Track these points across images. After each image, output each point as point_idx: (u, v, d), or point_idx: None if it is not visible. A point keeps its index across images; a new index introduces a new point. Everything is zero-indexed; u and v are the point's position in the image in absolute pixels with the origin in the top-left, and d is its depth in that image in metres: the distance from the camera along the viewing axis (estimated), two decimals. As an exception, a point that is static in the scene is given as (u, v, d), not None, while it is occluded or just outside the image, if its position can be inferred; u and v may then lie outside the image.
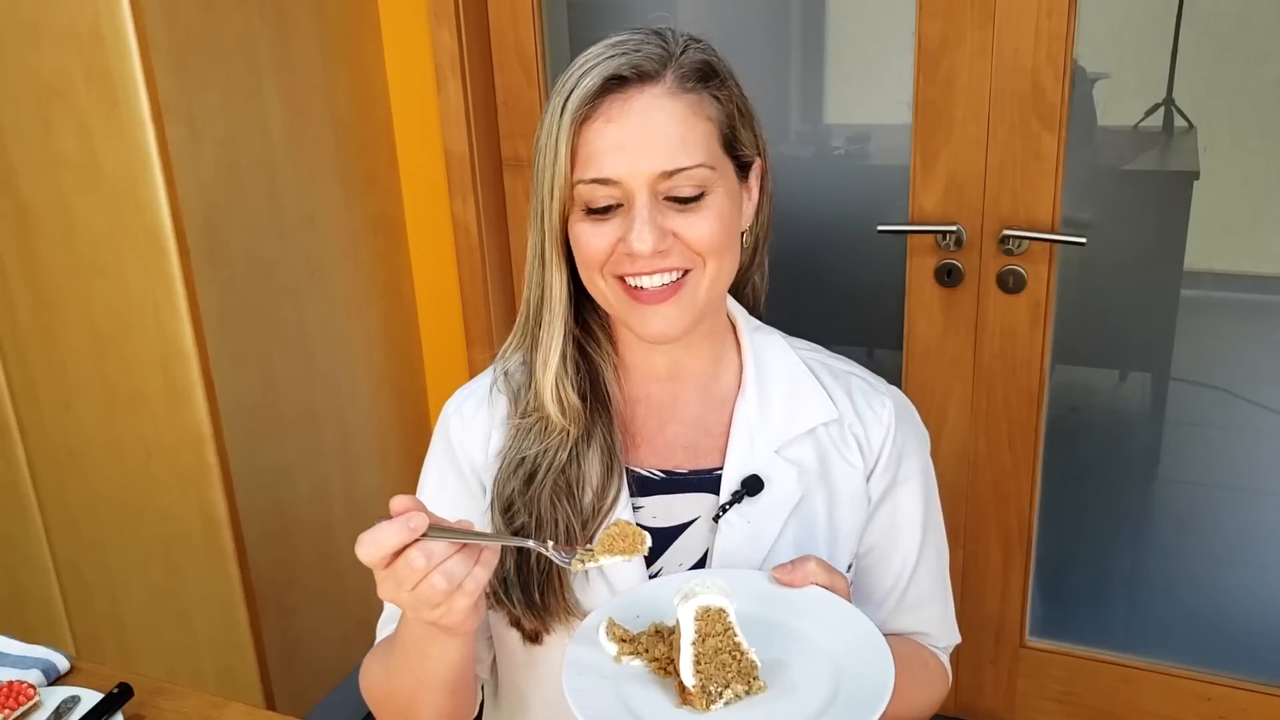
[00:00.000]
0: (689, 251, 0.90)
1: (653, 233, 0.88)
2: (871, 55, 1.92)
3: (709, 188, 0.90)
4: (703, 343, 1.00)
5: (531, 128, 2.10)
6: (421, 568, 0.76)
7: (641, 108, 0.88)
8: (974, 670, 2.06)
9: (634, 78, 0.88)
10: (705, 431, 1.00)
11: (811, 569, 0.88)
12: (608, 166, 0.88)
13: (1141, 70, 1.72)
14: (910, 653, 1.05)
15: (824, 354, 1.05)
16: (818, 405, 1.00)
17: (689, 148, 0.88)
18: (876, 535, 1.03)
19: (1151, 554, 2.03)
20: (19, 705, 1.07)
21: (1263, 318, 1.81)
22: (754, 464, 0.97)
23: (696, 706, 0.79)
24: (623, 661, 0.84)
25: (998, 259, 1.79)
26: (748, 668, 0.80)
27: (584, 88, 0.87)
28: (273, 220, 1.84)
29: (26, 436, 1.90)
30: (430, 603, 0.78)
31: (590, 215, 0.90)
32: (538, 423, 0.97)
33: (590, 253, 0.91)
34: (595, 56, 0.89)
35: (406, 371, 2.24)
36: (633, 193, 0.88)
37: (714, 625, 0.79)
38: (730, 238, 0.93)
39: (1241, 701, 1.88)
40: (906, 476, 1.02)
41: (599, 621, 0.85)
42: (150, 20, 1.55)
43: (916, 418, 1.06)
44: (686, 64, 0.90)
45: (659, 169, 0.87)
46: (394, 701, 0.96)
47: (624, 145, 0.87)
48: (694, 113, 0.89)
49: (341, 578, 2.06)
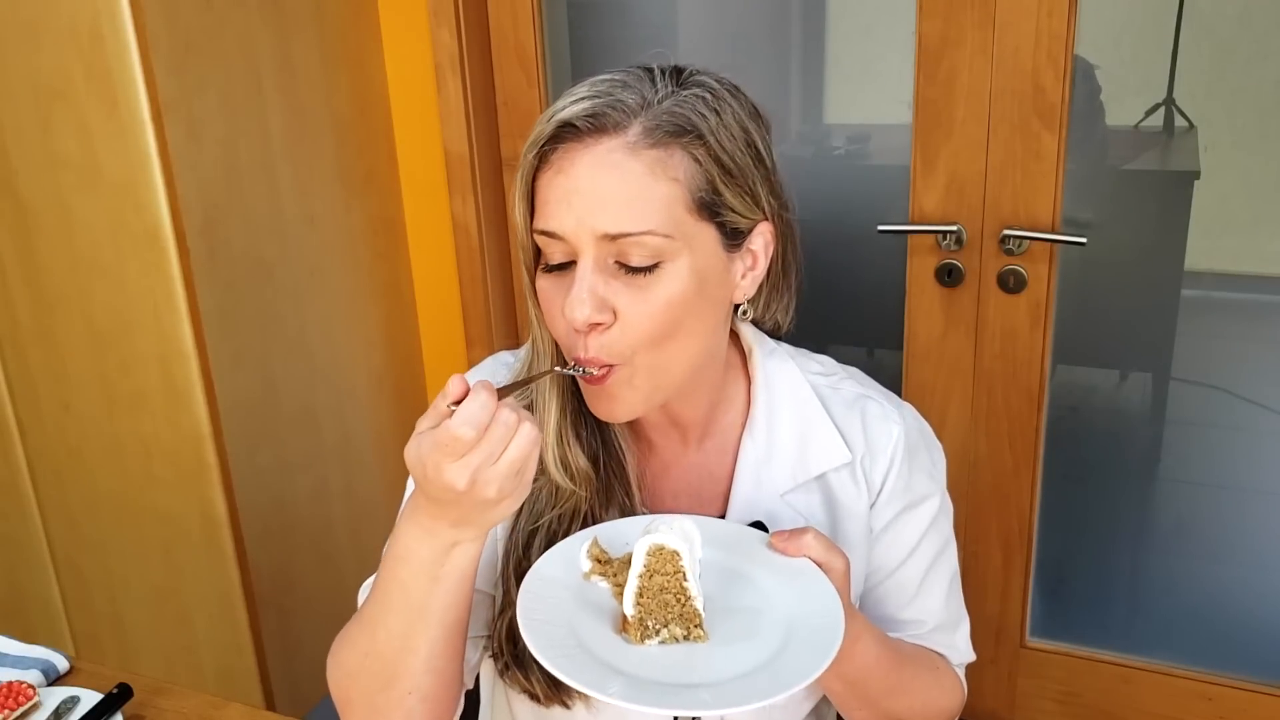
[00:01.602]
0: (621, 342, 0.82)
1: (590, 301, 0.80)
2: (871, 55, 1.92)
3: (665, 258, 0.81)
4: (698, 392, 0.93)
5: (531, 128, 2.09)
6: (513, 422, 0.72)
7: (592, 162, 0.80)
8: (974, 670, 2.03)
9: (588, 129, 0.80)
10: (709, 476, 0.96)
11: (808, 541, 0.83)
12: (554, 219, 0.81)
13: (1142, 70, 1.72)
14: (917, 653, 1.03)
15: (836, 375, 0.99)
16: (829, 448, 0.94)
17: (641, 211, 0.79)
18: (877, 563, 0.99)
19: (1151, 554, 2.03)
20: (18, 705, 1.07)
21: (1263, 318, 1.81)
22: (758, 509, 0.93)
23: (631, 637, 0.79)
24: (592, 580, 0.84)
25: (998, 259, 1.79)
26: (690, 614, 0.80)
27: (538, 133, 0.82)
28: (273, 220, 1.84)
29: (26, 436, 1.90)
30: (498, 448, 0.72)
31: (549, 271, 0.85)
32: (546, 486, 0.91)
33: (551, 325, 0.86)
34: (569, 97, 0.83)
35: (406, 371, 2.24)
36: (578, 251, 0.81)
37: (665, 565, 0.79)
38: (677, 325, 0.83)
39: (1241, 701, 1.87)
40: (913, 506, 0.98)
41: (585, 539, 0.86)
42: (150, 20, 1.55)
43: (928, 441, 1.00)
44: (661, 115, 0.81)
45: (603, 230, 0.80)
46: (376, 660, 0.85)
47: (569, 199, 0.80)
48: (653, 173, 0.80)
49: (341, 578, 2.06)
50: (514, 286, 2.23)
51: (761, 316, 0.97)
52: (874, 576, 1.00)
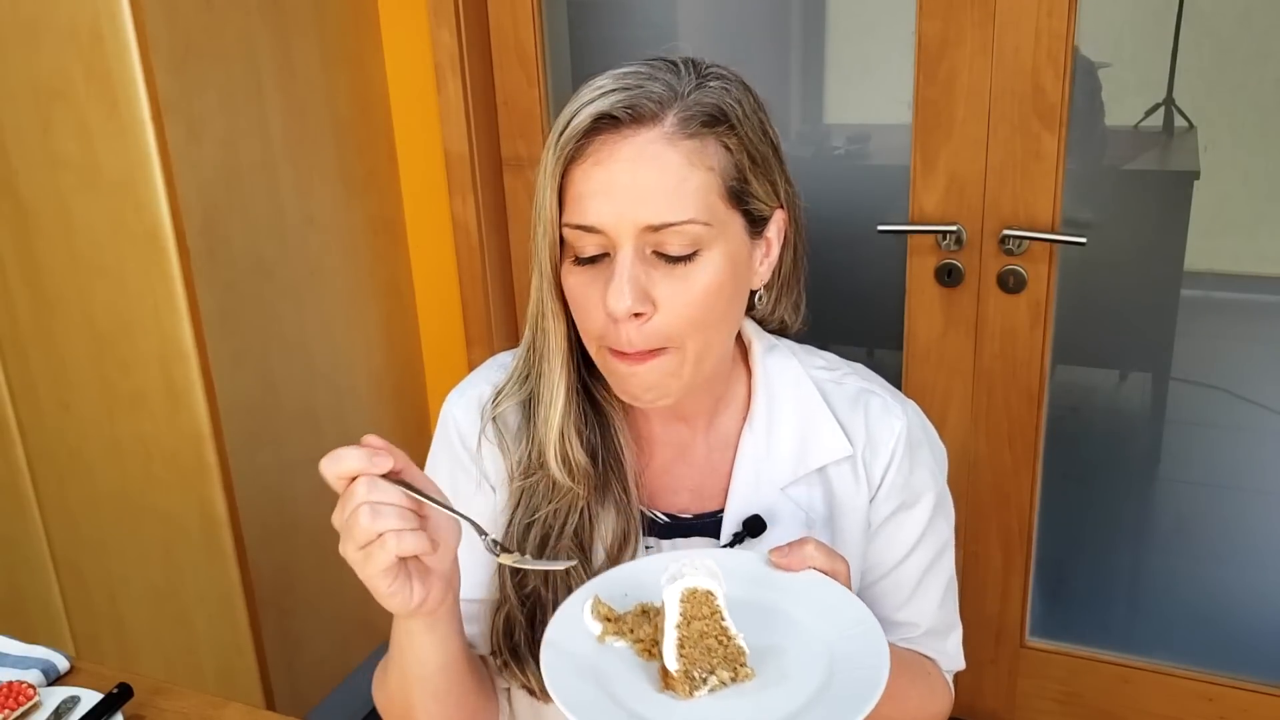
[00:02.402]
0: (665, 329, 0.83)
1: (632, 292, 0.80)
2: (871, 55, 1.92)
3: (703, 246, 0.82)
4: (706, 384, 0.93)
5: (531, 128, 2.10)
6: (359, 496, 0.72)
7: (631, 153, 0.80)
8: (974, 670, 2.06)
9: (627, 119, 0.80)
10: (711, 472, 0.96)
11: (809, 552, 0.82)
12: (591, 213, 0.81)
13: (1142, 70, 1.72)
14: (912, 658, 1.02)
15: (840, 371, 0.99)
16: (830, 442, 0.94)
17: (681, 201, 0.80)
18: (874, 560, 0.98)
19: (1151, 554, 2.03)
20: (19, 705, 1.07)
21: (1263, 318, 1.81)
22: (757, 503, 0.93)
23: (679, 692, 0.75)
24: (606, 642, 0.79)
25: (998, 259, 1.79)
26: (734, 653, 0.76)
27: (573, 126, 0.81)
28: (273, 220, 1.84)
29: (26, 436, 1.90)
30: (355, 539, 0.73)
31: (579, 264, 0.84)
32: (544, 480, 0.91)
33: (582, 317, 0.85)
34: (594, 89, 0.82)
35: (406, 371, 2.24)
36: (617, 243, 0.81)
37: (700, 608, 0.75)
38: (715, 312, 0.85)
39: (1241, 701, 1.88)
40: (912, 503, 0.97)
41: (585, 599, 0.81)
42: (150, 20, 1.55)
43: (931, 439, 1.00)
44: (693, 105, 0.82)
45: (645, 221, 0.80)
46: (394, 705, 0.93)
47: (609, 191, 0.80)
48: (691, 162, 0.81)
49: (341, 578, 2.04)
50: (514, 286, 2.23)
51: (770, 313, 0.98)
52: (871, 574, 0.99)
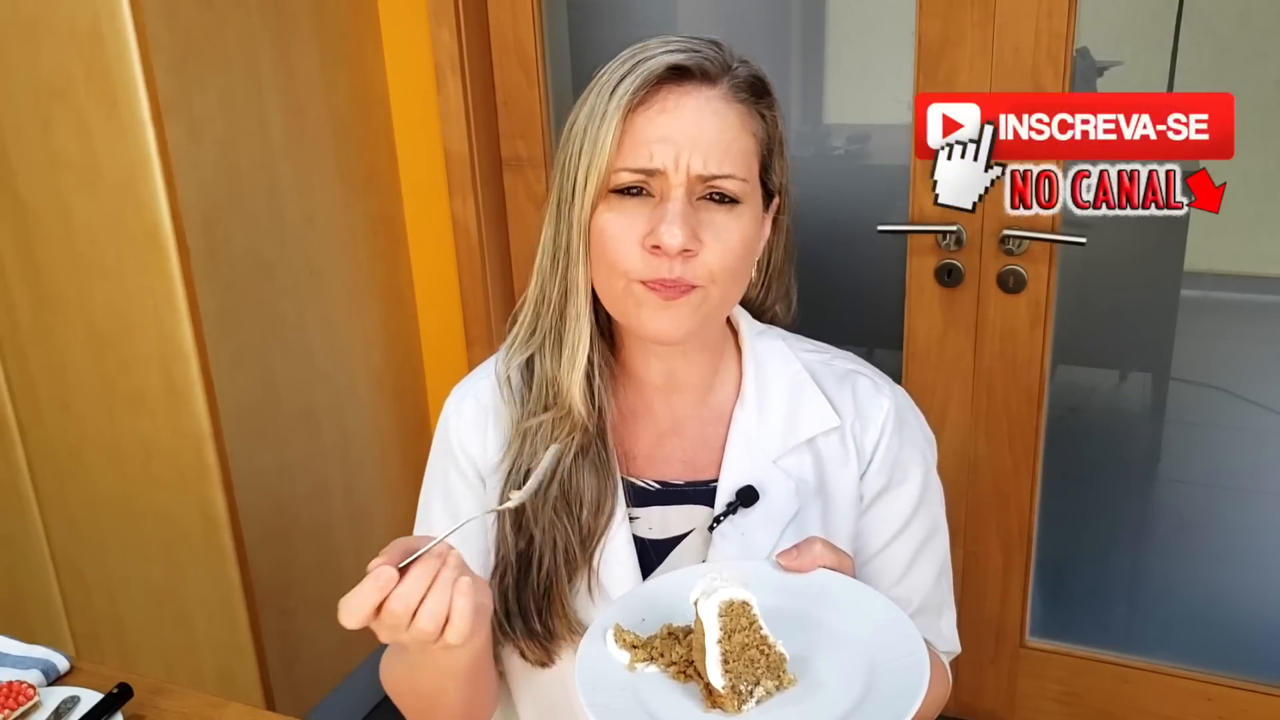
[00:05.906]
0: (705, 268, 0.87)
1: (684, 229, 0.85)
2: (871, 55, 1.92)
3: (743, 201, 0.88)
4: (700, 354, 0.98)
5: (532, 128, 2.10)
6: (402, 612, 0.76)
7: (697, 105, 0.86)
8: (974, 670, 2.06)
9: (697, 73, 0.86)
10: (703, 444, 0.99)
11: (818, 551, 0.85)
12: (655, 157, 0.85)
13: (1141, 69, 1.72)
14: None
15: (829, 354, 1.03)
16: (818, 414, 0.97)
17: (733, 156, 0.87)
18: (866, 537, 1.00)
19: (1151, 554, 2.03)
20: (19, 705, 1.07)
21: (1263, 318, 1.81)
22: (750, 474, 0.96)
23: (728, 709, 0.74)
24: (636, 669, 0.79)
25: (998, 259, 1.79)
26: (776, 661, 0.76)
27: (643, 72, 0.85)
28: (273, 220, 1.84)
29: (26, 436, 1.90)
30: (427, 640, 0.77)
31: (620, 197, 0.87)
32: (541, 426, 0.95)
33: (615, 255, 0.88)
34: (653, 48, 0.87)
35: (406, 371, 2.24)
36: (670, 187, 0.86)
37: (739, 620, 0.75)
38: (745, 263, 0.91)
39: (1241, 701, 1.88)
40: (901, 480, 0.99)
41: (605, 629, 0.81)
42: (150, 20, 1.55)
43: (919, 420, 1.03)
44: (742, 75, 0.89)
45: (701, 170, 0.86)
46: (419, 698, 0.95)
47: (673, 138, 0.85)
48: (743, 125, 0.88)
49: (341, 578, 2.05)
50: (514, 286, 2.23)
51: (762, 301, 1.02)
52: (864, 552, 1.01)
